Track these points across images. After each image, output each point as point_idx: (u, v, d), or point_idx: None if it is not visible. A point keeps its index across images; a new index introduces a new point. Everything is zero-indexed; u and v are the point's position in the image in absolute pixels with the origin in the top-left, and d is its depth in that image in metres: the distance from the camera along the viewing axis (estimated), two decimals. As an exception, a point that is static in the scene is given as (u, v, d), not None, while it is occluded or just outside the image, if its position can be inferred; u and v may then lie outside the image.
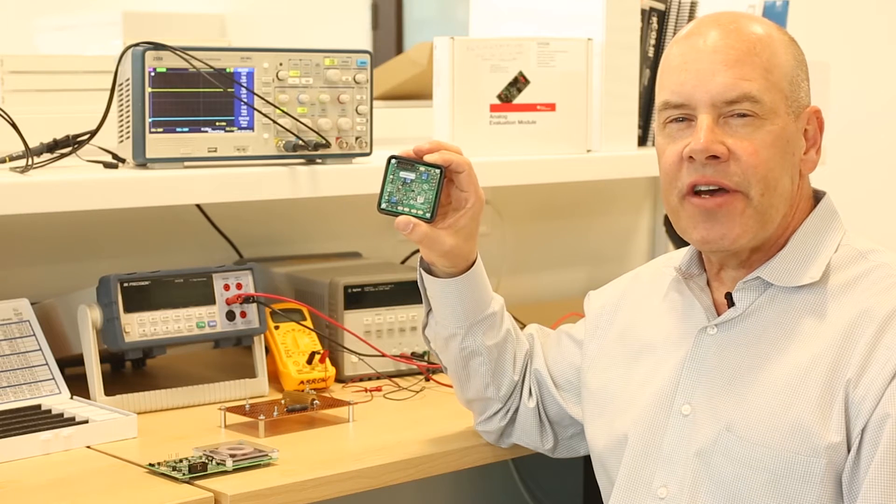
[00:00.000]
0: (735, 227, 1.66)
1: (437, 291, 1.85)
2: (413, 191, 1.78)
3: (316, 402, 2.06)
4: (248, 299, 2.16)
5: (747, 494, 1.63)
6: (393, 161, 1.78)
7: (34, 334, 2.08)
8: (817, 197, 1.76)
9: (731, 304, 1.72)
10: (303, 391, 2.15)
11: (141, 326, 2.09)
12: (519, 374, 1.92)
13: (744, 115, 1.65)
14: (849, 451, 1.60)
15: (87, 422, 1.93)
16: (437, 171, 1.78)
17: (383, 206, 1.78)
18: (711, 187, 1.66)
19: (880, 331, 1.61)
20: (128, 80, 2.11)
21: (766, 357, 1.67)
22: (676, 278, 1.80)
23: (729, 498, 1.65)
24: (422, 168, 1.78)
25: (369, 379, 2.29)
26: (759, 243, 1.70)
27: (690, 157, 1.66)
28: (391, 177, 1.78)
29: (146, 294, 2.10)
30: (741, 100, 1.65)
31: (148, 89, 2.08)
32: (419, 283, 1.88)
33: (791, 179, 1.69)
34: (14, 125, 2.06)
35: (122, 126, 2.14)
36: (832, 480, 1.60)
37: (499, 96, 2.46)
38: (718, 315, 1.73)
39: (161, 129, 2.10)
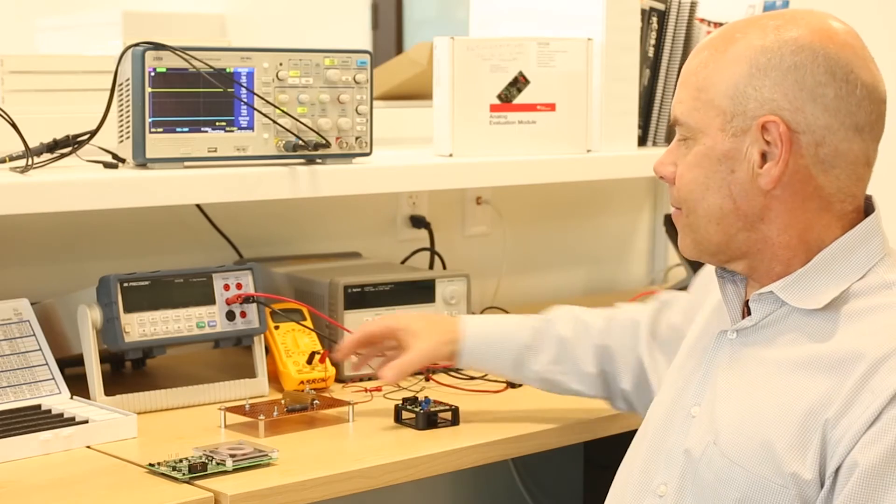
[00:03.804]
0: (681, 238, 1.70)
1: (464, 366, 2.06)
2: None
3: (316, 402, 2.06)
4: (248, 299, 2.16)
5: None
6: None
7: (34, 334, 2.08)
8: (868, 212, 1.67)
9: (748, 312, 1.69)
10: (303, 391, 2.15)
11: (141, 326, 2.09)
12: (595, 366, 1.99)
13: (685, 138, 1.66)
14: (821, 488, 1.55)
15: (87, 422, 1.93)
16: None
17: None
18: None
19: (870, 372, 1.54)
20: (128, 80, 2.11)
21: (765, 376, 1.63)
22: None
23: None
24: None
25: (369, 379, 2.29)
26: (726, 258, 1.66)
27: None
28: None
29: (146, 294, 2.10)
30: (674, 123, 1.67)
31: (148, 89, 2.08)
32: None
33: (724, 198, 1.63)
34: (14, 125, 2.06)
35: (122, 126, 2.14)
36: None
37: (499, 96, 2.46)
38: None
39: (161, 129, 2.10)
